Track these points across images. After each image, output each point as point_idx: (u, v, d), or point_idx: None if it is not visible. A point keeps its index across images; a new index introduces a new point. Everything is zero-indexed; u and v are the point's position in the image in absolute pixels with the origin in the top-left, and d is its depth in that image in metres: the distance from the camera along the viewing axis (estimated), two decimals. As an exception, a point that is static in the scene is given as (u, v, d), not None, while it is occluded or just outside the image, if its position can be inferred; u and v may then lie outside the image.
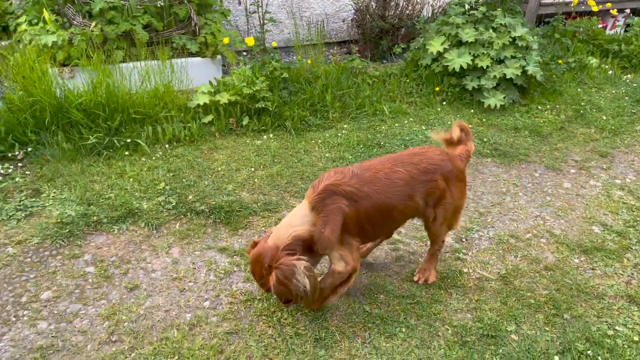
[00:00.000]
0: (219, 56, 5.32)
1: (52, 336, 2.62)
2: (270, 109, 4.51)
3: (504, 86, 5.17)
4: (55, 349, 2.56)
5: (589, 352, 2.73)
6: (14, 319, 2.70)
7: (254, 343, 2.64)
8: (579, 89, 5.63)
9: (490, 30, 5.23)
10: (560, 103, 5.33)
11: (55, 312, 2.76)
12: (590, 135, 4.89)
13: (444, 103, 5.19)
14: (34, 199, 3.50)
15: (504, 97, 5.10)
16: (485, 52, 5.14)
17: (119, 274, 3.02)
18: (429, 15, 6.62)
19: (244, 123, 4.45)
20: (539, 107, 5.22)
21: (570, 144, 4.72)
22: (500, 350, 2.72)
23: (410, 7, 6.39)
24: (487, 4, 5.47)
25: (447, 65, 5.22)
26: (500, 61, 5.19)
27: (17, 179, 3.65)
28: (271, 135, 4.45)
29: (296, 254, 2.47)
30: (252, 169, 4.01)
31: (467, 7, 5.48)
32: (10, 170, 3.71)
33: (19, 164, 3.79)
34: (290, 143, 4.38)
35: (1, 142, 3.82)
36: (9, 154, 3.81)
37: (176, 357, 2.54)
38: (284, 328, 2.73)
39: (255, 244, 2.62)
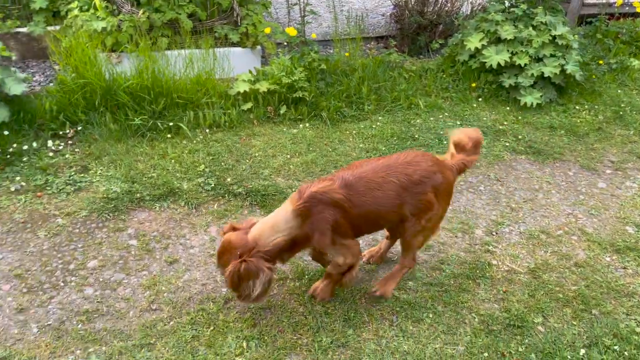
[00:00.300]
0: (258, 47, 5.44)
1: (97, 302, 2.79)
2: (307, 99, 4.62)
3: (542, 85, 5.14)
4: (99, 313, 2.73)
5: (615, 347, 2.75)
6: (62, 284, 2.89)
7: (285, 319, 2.76)
8: (619, 91, 5.55)
9: (530, 28, 5.21)
10: (598, 104, 5.27)
11: (101, 279, 2.93)
12: (629, 137, 4.83)
13: (480, 99, 5.20)
14: (82, 175, 3.69)
15: (541, 96, 5.08)
16: (523, 50, 5.13)
17: (159, 248, 3.18)
18: (468, 13, 6.61)
19: (282, 112, 4.57)
20: (577, 107, 5.18)
21: (607, 145, 4.68)
22: (526, 341, 2.76)
23: (449, 4, 6.40)
24: (528, 1, 5.45)
25: (485, 62, 5.22)
26: (538, 59, 5.16)
27: (67, 156, 3.85)
28: (307, 125, 4.55)
29: (271, 262, 2.48)
30: (288, 156, 4.13)
31: (507, 4, 5.47)
32: (61, 147, 3.92)
33: (69, 142, 3.99)
34: (326, 133, 4.48)
35: (53, 120, 4.03)
36: (60, 132, 4.02)
37: (212, 328, 2.68)
38: (314, 307, 2.83)
39: (233, 227, 2.60)
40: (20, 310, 2.70)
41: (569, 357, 2.68)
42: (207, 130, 4.31)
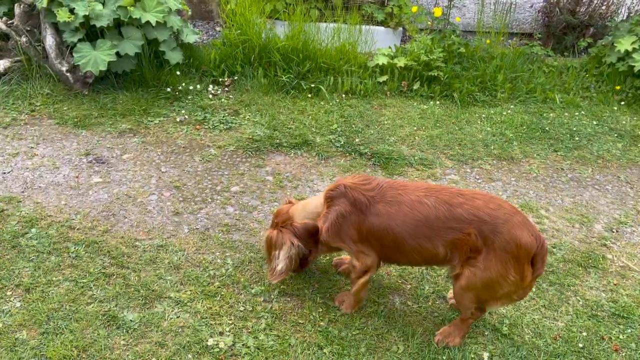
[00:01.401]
0: (400, 28, 5.68)
1: (236, 219, 3.26)
2: (442, 79, 4.78)
3: (696, 96, 4.83)
4: (236, 228, 3.19)
5: None
6: (210, 200, 3.40)
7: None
8: None
9: (693, 35, 4.89)
10: None
11: (240, 202, 3.40)
12: None
13: (622, 103, 5.00)
14: (233, 117, 4.22)
15: (694, 107, 4.77)
16: (681, 57, 4.84)
17: (290, 187, 3.59)
18: (624, 18, 6.28)
19: (415, 87, 4.78)
20: None
21: None
22: (629, 330, 2.77)
23: (604, 6, 6.13)
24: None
25: (634, 66, 5.00)
26: (697, 69, 4.84)
27: (222, 100, 4.42)
28: (437, 103, 4.73)
29: (301, 239, 2.56)
30: (415, 128, 4.35)
31: (670, 8, 5.16)
32: (219, 92, 4.50)
33: (226, 89, 4.56)
34: (454, 112, 4.62)
35: (215, 69, 4.63)
36: (220, 79, 4.61)
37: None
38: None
39: (289, 202, 2.76)
40: (176, 213, 3.25)
41: (673, 354, 2.65)
42: (343, 96, 4.66)
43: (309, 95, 4.59)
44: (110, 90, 4.34)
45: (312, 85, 4.62)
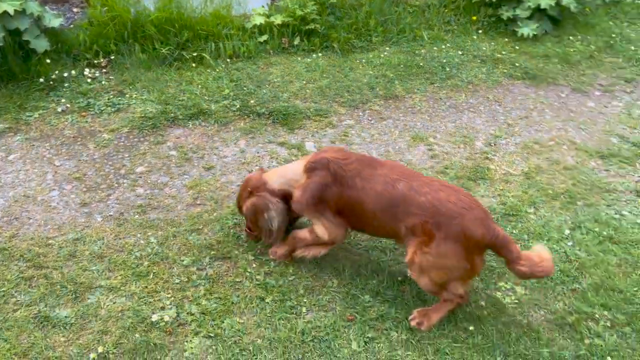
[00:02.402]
0: (269, -14, 5.71)
1: (149, 198, 3.22)
2: (319, 31, 4.94)
3: (538, 17, 5.46)
4: (152, 207, 3.16)
5: (596, 229, 3.21)
6: (116, 184, 3.31)
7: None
8: (611, 23, 5.86)
9: (528, -37, 5.48)
10: (591, 35, 5.60)
11: (149, 181, 3.35)
12: (618, 63, 5.19)
13: (480, 32, 5.52)
14: (119, 98, 4.06)
15: (537, 27, 5.40)
16: (521, -16, 5.41)
17: (196, 158, 3.59)
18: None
19: (295, 43, 4.90)
20: (570, 38, 5.51)
21: (597, 71, 5.04)
22: (520, 225, 3.22)
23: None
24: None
25: (484, -4, 5.52)
26: (536, -7, 5.45)
27: (103, 82, 4.21)
28: (320, 55, 4.89)
29: (277, 198, 2.69)
30: (304, 82, 4.49)
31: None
32: (97, 75, 4.27)
33: (104, 70, 4.34)
34: (337, 62, 4.82)
35: (87, 51, 4.37)
36: (95, 61, 4.36)
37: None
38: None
39: (261, 169, 2.87)
40: (84, 204, 3.13)
41: (555, 236, 3.15)
42: (228, 60, 4.65)
43: (194, 65, 4.52)
44: (-28, 90, 3.96)
45: (195, 54, 4.55)
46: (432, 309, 2.61)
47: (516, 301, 2.73)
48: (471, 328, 2.57)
